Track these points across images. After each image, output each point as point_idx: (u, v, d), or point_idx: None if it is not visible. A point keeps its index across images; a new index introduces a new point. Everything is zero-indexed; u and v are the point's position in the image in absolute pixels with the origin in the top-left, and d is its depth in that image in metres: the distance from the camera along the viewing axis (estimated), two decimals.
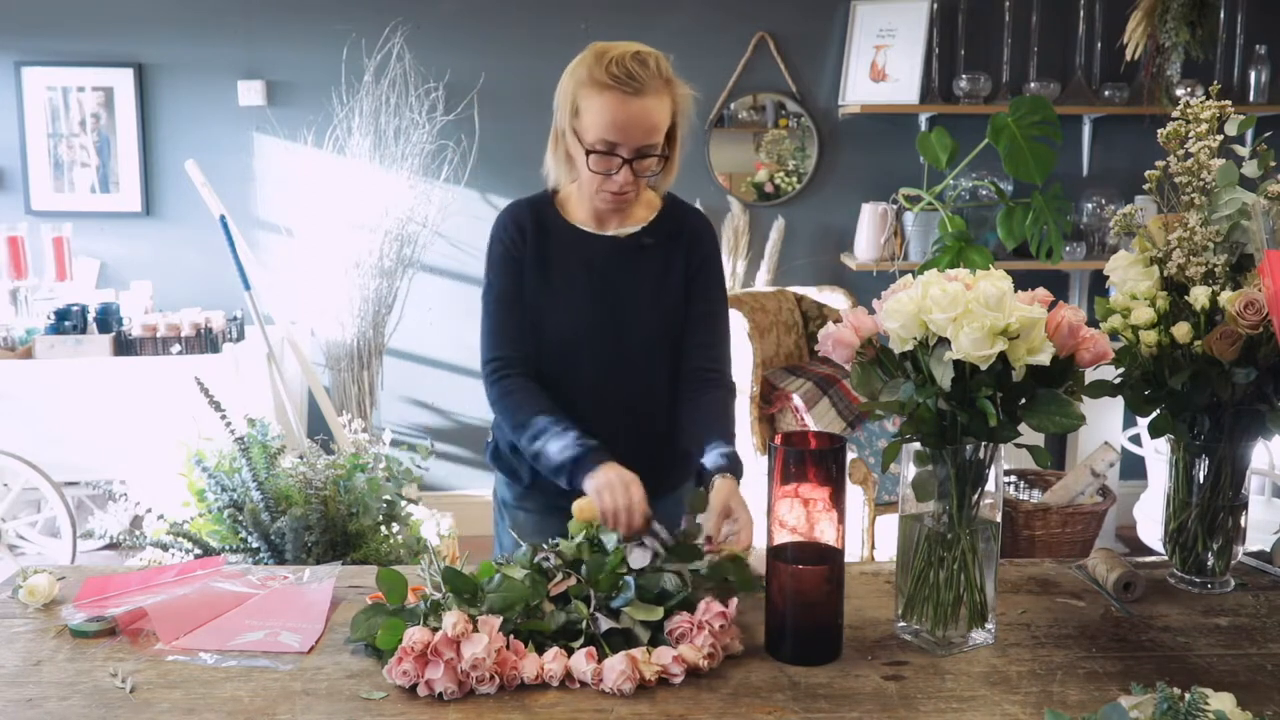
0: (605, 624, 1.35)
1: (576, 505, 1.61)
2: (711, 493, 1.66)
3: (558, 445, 1.71)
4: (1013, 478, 3.49)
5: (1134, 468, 4.33)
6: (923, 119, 4.14)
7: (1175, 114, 1.52)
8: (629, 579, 1.42)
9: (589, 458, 1.67)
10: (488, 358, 1.84)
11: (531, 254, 1.83)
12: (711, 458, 1.73)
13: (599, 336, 1.83)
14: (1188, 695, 1.09)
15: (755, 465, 3.47)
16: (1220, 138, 1.50)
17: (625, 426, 1.84)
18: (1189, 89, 3.99)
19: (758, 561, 1.49)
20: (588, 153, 1.70)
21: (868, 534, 3.30)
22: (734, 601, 1.39)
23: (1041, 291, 1.38)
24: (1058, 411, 1.32)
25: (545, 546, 1.49)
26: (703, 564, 1.52)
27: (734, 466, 1.72)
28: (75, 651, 1.39)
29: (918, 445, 1.39)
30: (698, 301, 1.88)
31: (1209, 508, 1.56)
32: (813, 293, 4.02)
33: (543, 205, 1.87)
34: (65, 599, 1.54)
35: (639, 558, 1.46)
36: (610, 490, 1.62)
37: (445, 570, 1.39)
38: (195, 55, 4.08)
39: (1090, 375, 1.42)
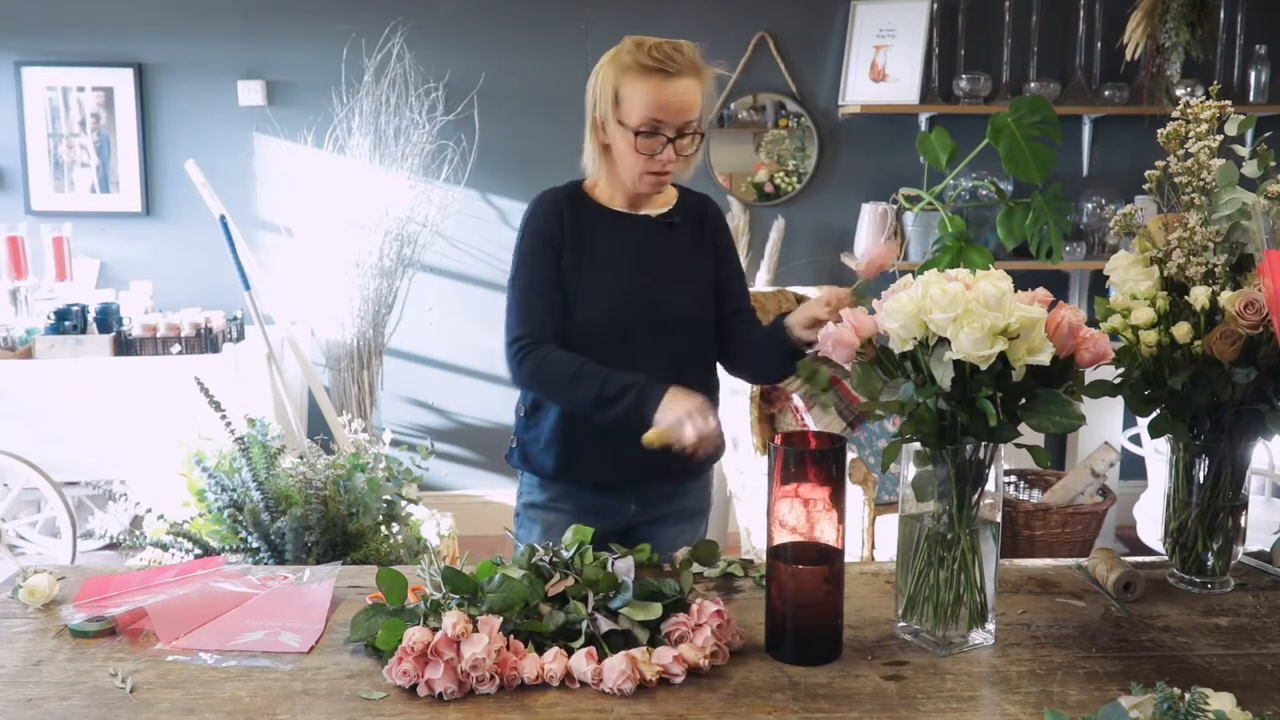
0: (605, 625, 1.35)
1: (648, 436, 1.67)
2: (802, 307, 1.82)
3: (616, 386, 1.75)
4: (1013, 478, 3.48)
5: (1134, 468, 4.33)
6: (923, 119, 4.14)
7: (1175, 114, 1.52)
8: (627, 580, 1.42)
9: (653, 388, 1.72)
10: (513, 337, 1.87)
11: (571, 238, 1.90)
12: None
13: (643, 310, 1.90)
14: (1188, 695, 1.09)
15: (755, 465, 3.47)
16: (1220, 138, 1.50)
17: None
18: (1189, 89, 3.99)
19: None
20: (636, 134, 1.80)
21: (868, 534, 3.30)
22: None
23: (1041, 291, 1.38)
24: (1058, 411, 1.32)
25: (541, 547, 1.49)
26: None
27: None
28: (75, 651, 1.39)
29: (918, 445, 1.39)
30: (732, 278, 2.02)
31: (1209, 508, 1.56)
32: (813, 293, 4.01)
33: (576, 192, 1.95)
34: (65, 599, 1.53)
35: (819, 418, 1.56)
36: (683, 407, 1.68)
37: (445, 570, 1.39)
38: (195, 55, 4.08)
39: (1090, 375, 1.42)
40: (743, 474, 3.58)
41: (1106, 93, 4.12)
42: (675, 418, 1.67)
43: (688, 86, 1.81)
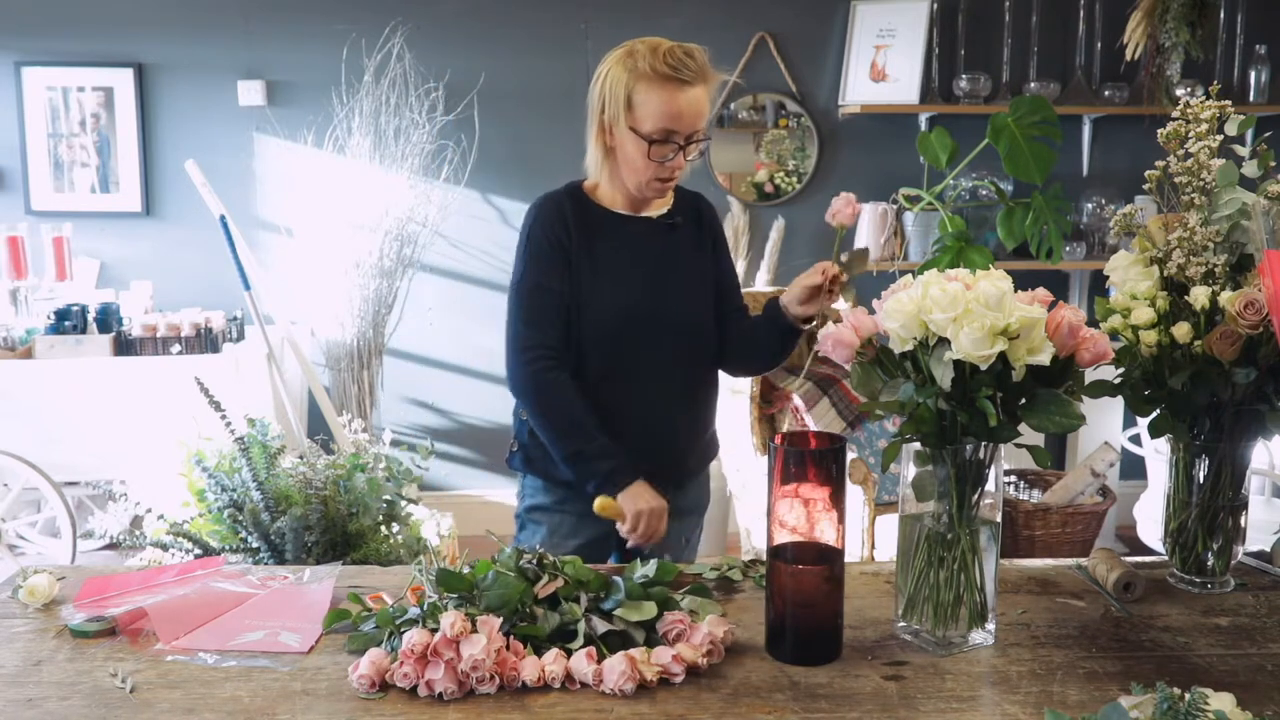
0: (600, 626, 1.35)
1: (601, 501, 1.80)
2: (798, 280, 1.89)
3: (600, 448, 1.84)
4: (1013, 478, 3.48)
5: (1134, 468, 4.33)
6: (923, 119, 4.14)
7: (1175, 114, 1.52)
8: (618, 579, 1.42)
9: (629, 470, 1.84)
10: (526, 344, 1.88)
11: (578, 241, 1.90)
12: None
13: (649, 313, 1.92)
14: (1188, 695, 1.09)
15: (755, 465, 3.47)
16: (1220, 138, 1.50)
17: (672, 401, 1.96)
18: (1189, 89, 3.99)
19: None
20: (650, 142, 1.82)
21: (868, 534, 3.30)
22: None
23: (1041, 291, 1.38)
24: (1058, 411, 1.32)
25: (525, 550, 1.46)
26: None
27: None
28: (75, 651, 1.39)
29: (918, 445, 1.39)
30: (728, 275, 2.06)
31: (1209, 508, 1.56)
32: None
33: (577, 195, 1.95)
34: (65, 599, 1.53)
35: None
36: (645, 501, 1.81)
37: (440, 572, 1.38)
38: (195, 55, 4.08)
39: (1090, 375, 1.42)
40: (742, 474, 3.58)
41: (1106, 93, 4.12)
42: (632, 510, 1.81)
43: (700, 95, 1.83)
